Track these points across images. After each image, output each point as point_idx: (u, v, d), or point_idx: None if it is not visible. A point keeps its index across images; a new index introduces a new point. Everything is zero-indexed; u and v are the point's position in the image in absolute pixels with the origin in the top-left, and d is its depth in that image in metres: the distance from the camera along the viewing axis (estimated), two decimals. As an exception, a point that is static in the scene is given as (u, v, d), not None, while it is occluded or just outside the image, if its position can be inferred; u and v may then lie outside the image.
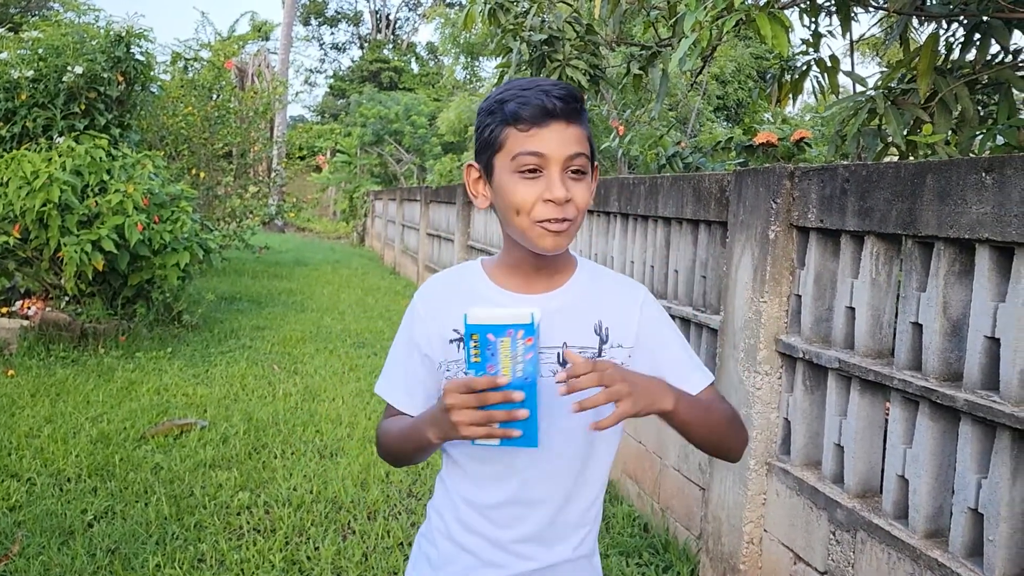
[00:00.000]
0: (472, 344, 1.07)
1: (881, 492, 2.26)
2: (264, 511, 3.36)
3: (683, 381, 1.26)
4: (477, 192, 1.26)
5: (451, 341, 1.25)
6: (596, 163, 1.26)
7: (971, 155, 3.17)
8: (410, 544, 3.09)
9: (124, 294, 6.44)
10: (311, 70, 46.89)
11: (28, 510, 3.19)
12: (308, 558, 2.98)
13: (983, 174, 1.85)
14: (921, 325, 2.09)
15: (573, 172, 1.17)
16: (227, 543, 3.04)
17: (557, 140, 1.15)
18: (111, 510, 3.28)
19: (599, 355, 1.25)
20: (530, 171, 1.16)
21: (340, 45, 43.18)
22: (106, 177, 6.01)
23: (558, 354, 1.23)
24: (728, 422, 1.28)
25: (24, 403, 4.56)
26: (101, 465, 3.71)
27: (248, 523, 3.24)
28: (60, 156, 5.85)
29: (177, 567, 2.85)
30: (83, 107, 6.51)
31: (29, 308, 6.13)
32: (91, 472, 3.63)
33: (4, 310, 6.13)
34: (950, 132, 3.20)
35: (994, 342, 1.87)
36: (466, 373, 1.10)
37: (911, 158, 3.22)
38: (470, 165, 1.26)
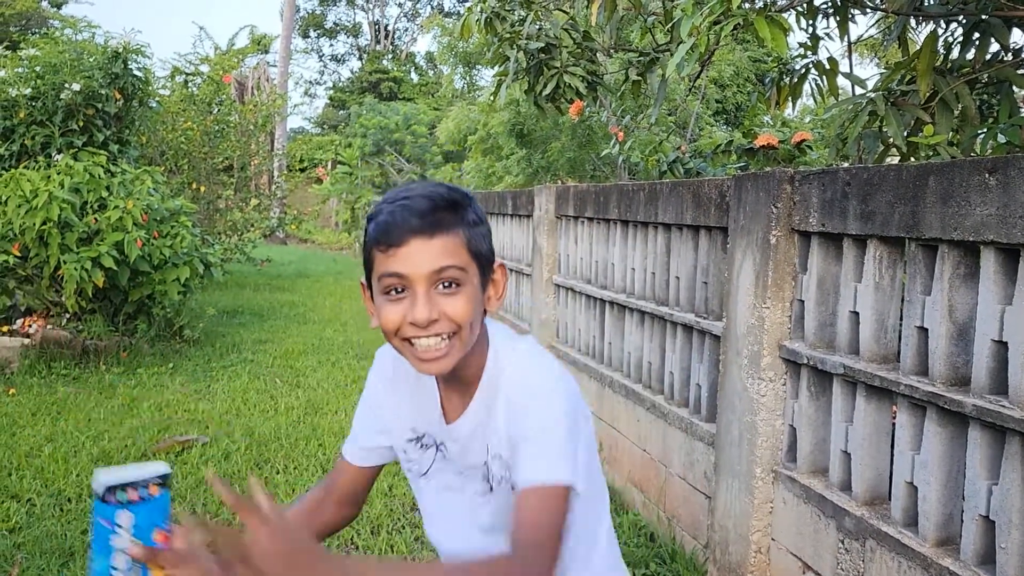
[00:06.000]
0: None
1: (890, 499, 2.22)
2: (266, 528, 3.32)
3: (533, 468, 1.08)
4: (371, 311, 1.17)
5: (408, 440, 1.23)
6: (497, 262, 1.17)
7: (972, 155, 3.14)
8: (414, 558, 3.05)
9: (125, 310, 6.43)
10: (311, 82, 47.05)
11: (28, 532, 3.17)
12: None
13: (987, 175, 1.82)
14: (927, 329, 2.05)
15: (444, 286, 1.08)
16: (229, 561, 3.00)
17: (417, 258, 1.06)
18: (112, 530, 3.24)
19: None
20: (396, 291, 1.09)
21: (339, 56, 43.22)
22: (105, 194, 6.01)
23: (482, 474, 1.18)
24: None
25: (25, 422, 4.54)
26: (102, 484, 3.67)
27: (250, 540, 3.20)
28: (59, 174, 5.85)
29: (178, 587, 2.81)
30: (81, 124, 6.51)
31: (30, 326, 6.12)
32: (92, 492, 3.59)
33: (5, 329, 6.12)
34: (952, 132, 3.17)
35: (1002, 346, 1.84)
36: None
37: (912, 159, 3.19)
38: (362, 283, 1.20)
